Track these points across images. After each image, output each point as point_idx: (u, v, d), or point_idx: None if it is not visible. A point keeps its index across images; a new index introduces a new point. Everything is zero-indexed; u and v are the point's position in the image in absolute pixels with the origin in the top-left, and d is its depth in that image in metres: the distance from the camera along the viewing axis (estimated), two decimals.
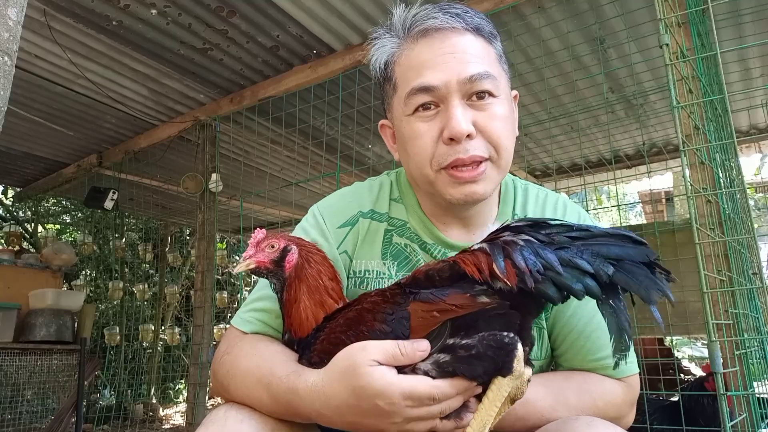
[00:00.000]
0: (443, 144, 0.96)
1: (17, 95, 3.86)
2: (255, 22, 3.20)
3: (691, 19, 2.11)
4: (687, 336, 6.59)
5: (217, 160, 4.27)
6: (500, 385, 0.78)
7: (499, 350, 0.77)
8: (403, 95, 1.00)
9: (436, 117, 0.97)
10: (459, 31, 0.98)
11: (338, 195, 1.17)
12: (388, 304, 0.85)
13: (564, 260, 0.76)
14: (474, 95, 0.97)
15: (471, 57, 0.96)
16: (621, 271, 0.75)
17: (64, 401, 4.17)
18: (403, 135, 1.03)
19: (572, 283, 0.74)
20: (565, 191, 6.53)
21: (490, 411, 0.78)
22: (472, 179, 0.97)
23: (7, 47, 0.92)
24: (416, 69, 0.98)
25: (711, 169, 2.02)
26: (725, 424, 1.58)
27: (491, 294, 0.79)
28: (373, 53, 1.08)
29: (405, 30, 1.02)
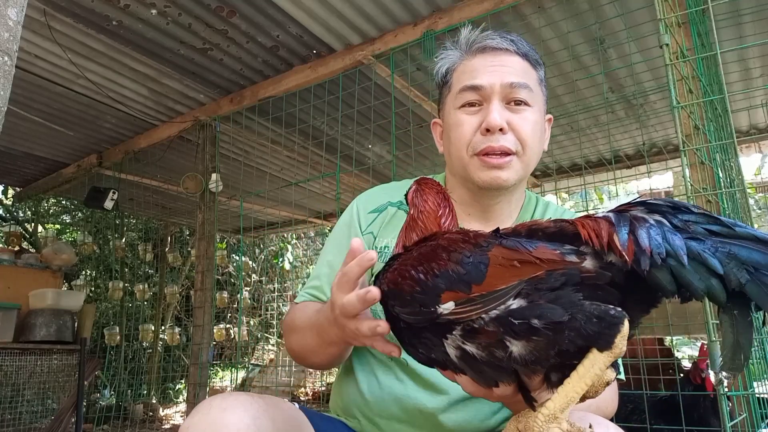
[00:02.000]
0: (480, 134, 1.15)
1: (17, 95, 3.86)
2: (255, 22, 3.20)
3: (691, 19, 2.11)
4: (687, 336, 6.58)
5: (217, 160, 4.27)
6: (595, 359, 0.70)
7: (601, 321, 0.69)
8: (455, 92, 1.21)
9: (479, 113, 1.17)
10: (510, 52, 1.19)
11: (376, 188, 1.37)
12: (467, 245, 0.80)
13: (693, 253, 0.68)
14: (512, 101, 1.16)
15: (515, 71, 1.17)
16: (757, 283, 0.66)
17: (64, 401, 4.17)
18: (449, 124, 1.22)
19: (694, 279, 0.67)
20: (565, 191, 6.53)
21: (577, 387, 0.70)
22: (499, 166, 1.14)
23: (7, 47, 0.92)
24: (469, 73, 1.19)
25: (711, 169, 2.02)
26: (725, 424, 1.58)
27: (592, 262, 0.72)
28: (438, 61, 1.28)
29: (468, 45, 1.23)
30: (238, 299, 7.41)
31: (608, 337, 0.69)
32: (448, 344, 0.78)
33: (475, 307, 0.74)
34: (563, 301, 0.71)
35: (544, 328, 0.70)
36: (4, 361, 3.91)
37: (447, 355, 0.79)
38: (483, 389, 0.81)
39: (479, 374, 0.78)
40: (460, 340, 0.76)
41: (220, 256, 5.54)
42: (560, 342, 0.70)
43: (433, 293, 0.78)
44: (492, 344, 0.74)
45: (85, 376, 4.16)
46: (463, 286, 0.76)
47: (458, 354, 0.77)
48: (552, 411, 0.70)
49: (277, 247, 9.41)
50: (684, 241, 0.69)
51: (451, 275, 0.77)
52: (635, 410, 2.87)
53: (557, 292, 0.71)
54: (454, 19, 3.03)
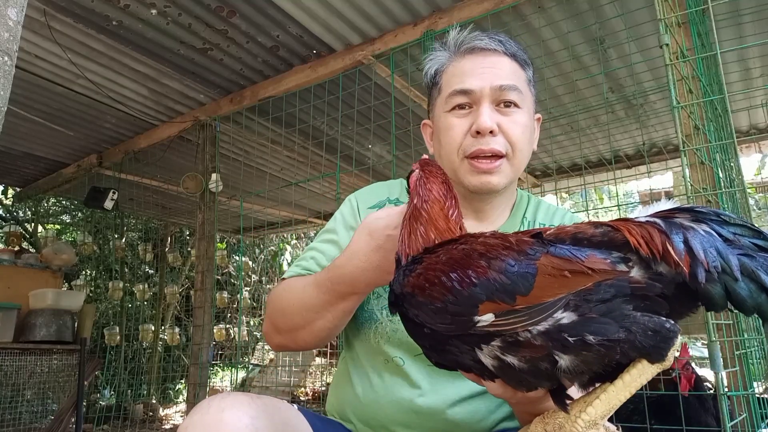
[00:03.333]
0: (470, 136, 1.15)
1: (17, 95, 3.86)
2: (255, 22, 3.20)
3: (691, 19, 2.11)
4: (687, 336, 6.58)
5: (217, 160, 4.27)
6: (643, 369, 0.68)
7: (656, 334, 0.67)
8: (445, 95, 1.20)
9: (469, 116, 1.17)
10: (498, 53, 1.19)
11: (373, 185, 1.38)
12: (510, 252, 0.74)
13: (746, 268, 0.67)
14: (502, 103, 1.17)
15: (504, 73, 1.17)
16: None
17: (64, 401, 4.17)
18: (440, 128, 1.23)
19: (746, 296, 0.66)
20: (565, 191, 6.53)
21: (620, 395, 0.69)
22: (489, 170, 1.15)
23: (7, 47, 0.92)
24: (459, 76, 1.19)
25: (711, 169, 2.02)
26: (725, 424, 1.58)
27: (640, 272, 0.70)
28: (426, 63, 1.28)
29: (456, 47, 1.22)
30: (238, 299, 7.41)
31: (662, 350, 0.68)
32: (483, 354, 0.73)
33: (521, 319, 0.70)
34: (616, 314, 0.68)
35: (598, 344, 0.68)
36: (4, 361, 3.91)
37: (477, 362, 0.75)
38: (510, 391, 0.79)
39: (517, 381, 0.75)
40: (499, 351, 0.72)
41: (220, 256, 5.54)
42: (613, 354, 0.68)
43: (469, 303, 0.72)
44: (538, 358, 0.70)
45: (85, 376, 4.16)
46: (506, 296, 0.71)
47: (496, 364, 0.73)
48: (593, 417, 0.69)
49: (277, 247, 9.42)
50: (737, 256, 0.68)
51: (491, 284, 0.72)
52: (635, 410, 2.87)
53: (608, 305, 0.69)
54: (454, 19, 3.03)
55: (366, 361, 1.21)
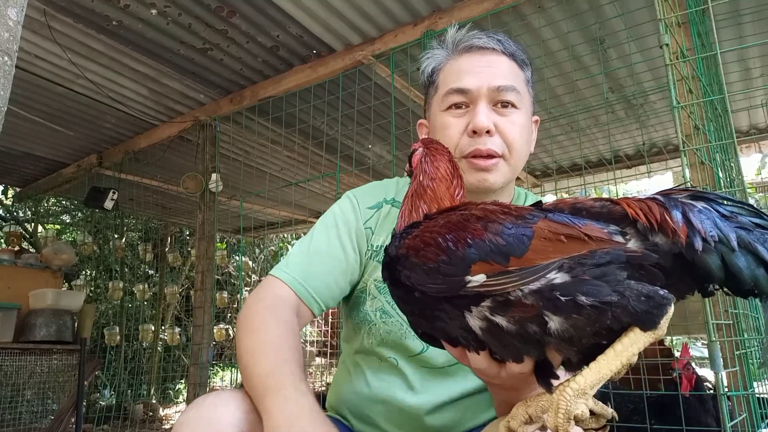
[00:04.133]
0: (467, 136, 1.14)
1: (17, 95, 3.86)
2: (255, 22, 3.20)
3: (691, 19, 2.11)
4: (687, 336, 6.58)
5: (217, 160, 4.27)
6: (636, 338, 0.67)
7: (650, 300, 0.67)
8: (442, 94, 1.19)
9: (465, 115, 1.16)
10: (497, 52, 1.17)
11: (369, 185, 1.36)
12: (508, 216, 0.76)
13: (742, 240, 0.68)
14: (499, 103, 1.15)
15: (502, 72, 1.16)
16: None
17: (64, 401, 4.17)
18: (436, 127, 1.21)
19: (743, 266, 0.67)
20: (565, 191, 6.54)
21: (612, 365, 0.67)
22: (486, 168, 1.13)
23: (7, 47, 0.92)
24: (456, 74, 1.17)
25: (711, 169, 2.02)
26: (725, 424, 1.58)
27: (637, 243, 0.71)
28: (423, 61, 1.26)
29: (454, 45, 1.21)
30: (238, 299, 7.41)
31: (655, 317, 0.67)
32: (472, 316, 0.73)
33: (512, 280, 0.70)
34: (609, 279, 0.68)
35: (590, 305, 0.67)
36: (4, 361, 3.91)
37: (465, 330, 0.75)
38: (497, 366, 0.79)
39: (504, 347, 0.74)
40: (488, 311, 0.72)
41: (220, 256, 5.54)
42: (603, 319, 0.68)
43: (462, 264, 0.73)
44: (528, 318, 0.70)
45: (85, 376, 4.16)
46: (500, 258, 0.71)
47: (484, 326, 0.73)
48: (582, 386, 0.67)
49: (277, 247, 9.42)
50: (734, 228, 0.69)
51: (486, 246, 0.72)
52: (636, 410, 2.87)
53: (602, 269, 0.69)
54: (454, 19, 3.03)
55: (362, 360, 1.23)
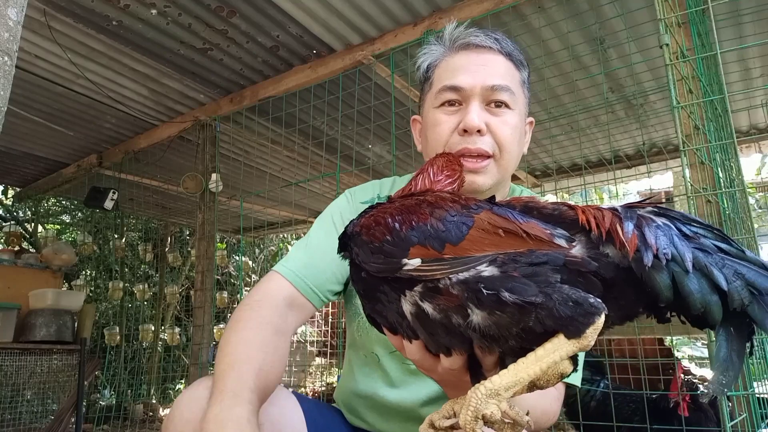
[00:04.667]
0: (457, 134, 1.12)
1: (17, 95, 3.86)
2: (255, 22, 3.20)
3: (691, 19, 2.11)
4: (687, 336, 6.58)
5: (217, 160, 4.27)
6: (559, 344, 0.64)
7: (577, 306, 0.63)
8: (436, 91, 1.17)
9: (457, 113, 1.14)
10: (494, 51, 1.16)
11: (367, 183, 1.39)
12: (456, 204, 0.75)
13: (699, 263, 0.64)
14: (492, 103, 1.13)
15: (497, 72, 1.14)
16: (760, 305, 0.62)
17: (64, 401, 4.17)
18: (428, 123, 1.20)
19: (695, 290, 0.63)
20: (565, 191, 6.53)
21: (530, 369, 0.65)
22: (475, 170, 1.11)
23: (7, 47, 0.92)
24: (451, 71, 1.16)
25: (711, 169, 2.02)
26: (725, 424, 1.58)
27: (582, 250, 0.68)
28: (420, 56, 1.25)
29: (451, 42, 1.19)
30: (238, 299, 7.40)
31: (581, 324, 0.63)
32: (406, 300, 0.72)
33: (442, 267, 0.69)
34: (539, 279, 0.65)
35: (513, 302, 0.65)
36: (4, 361, 3.91)
37: (400, 315, 0.74)
38: (430, 358, 0.77)
39: (431, 337, 0.73)
40: (419, 296, 0.71)
41: (220, 256, 5.54)
42: (527, 320, 0.65)
43: (402, 246, 0.72)
44: (451, 308, 0.69)
45: (85, 376, 4.16)
46: (436, 243, 0.71)
47: (413, 311, 0.72)
48: (496, 386, 0.64)
49: (277, 247, 9.41)
50: (692, 249, 0.65)
51: (427, 230, 0.72)
52: (636, 411, 2.87)
53: (535, 269, 0.66)
54: (454, 19, 3.02)
55: (353, 355, 1.29)
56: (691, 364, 6.32)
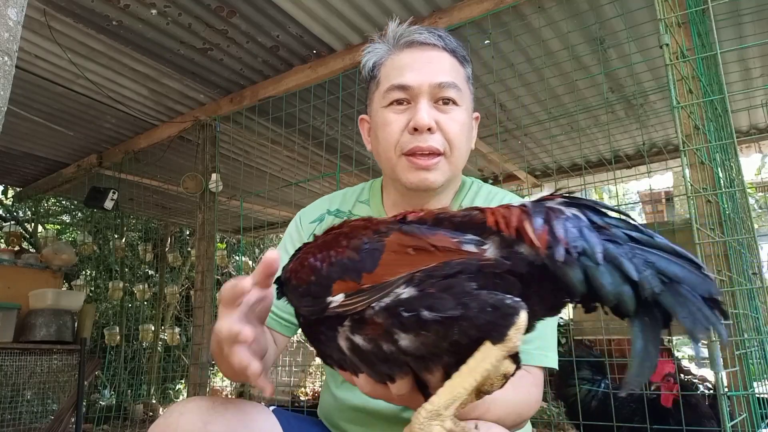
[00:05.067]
0: (408, 133, 1.13)
1: (17, 95, 3.86)
2: (255, 22, 3.20)
3: (691, 19, 2.11)
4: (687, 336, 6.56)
5: (217, 160, 4.27)
6: (487, 353, 0.63)
7: (495, 311, 0.63)
8: (383, 90, 1.17)
9: (406, 111, 1.14)
10: (438, 48, 1.16)
11: (317, 201, 1.38)
12: (368, 231, 0.74)
13: (609, 255, 0.63)
14: (440, 100, 1.14)
15: (443, 69, 1.15)
16: (672, 293, 0.62)
17: (64, 401, 4.17)
18: (377, 123, 1.20)
19: (606, 282, 0.62)
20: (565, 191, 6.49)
21: (465, 382, 0.64)
22: (427, 167, 1.12)
23: (7, 47, 0.92)
24: (398, 70, 1.16)
25: (711, 169, 2.02)
26: (725, 424, 1.58)
27: (496, 251, 0.67)
28: (365, 56, 1.25)
29: (395, 40, 1.20)
30: None
31: (502, 328, 0.63)
32: (340, 336, 0.72)
33: (362, 297, 0.68)
34: (456, 291, 0.65)
35: (433, 320, 0.64)
36: (4, 361, 3.91)
37: (341, 353, 0.73)
38: (381, 389, 0.76)
39: (372, 368, 0.73)
40: (349, 331, 0.70)
41: (220, 256, 5.54)
42: (451, 334, 0.64)
43: (325, 283, 0.72)
44: (379, 337, 0.68)
45: (85, 376, 4.16)
46: (354, 275, 0.70)
47: (348, 346, 0.71)
48: (436, 407, 0.64)
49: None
50: (601, 241, 0.65)
51: (344, 263, 0.71)
52: (636, 411, 2.87)
53: (450, 281, 0.65)
54: (454, 19, 3.03)
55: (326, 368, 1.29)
56: (691, 364, 6.32)
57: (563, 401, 3.29)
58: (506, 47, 3.32)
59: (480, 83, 3.71)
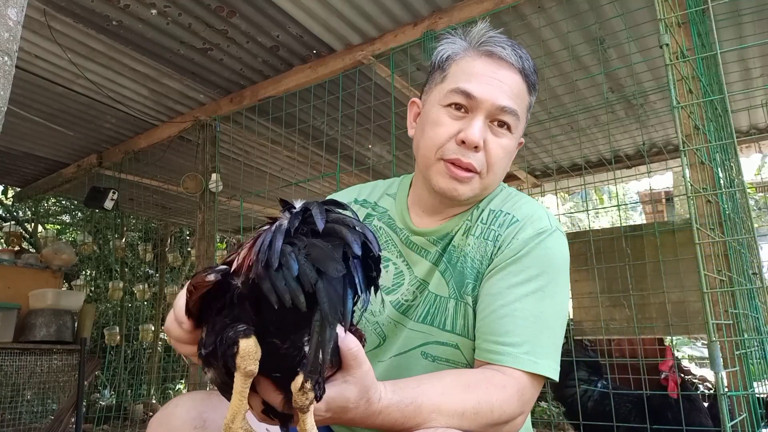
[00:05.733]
0: (454, 142, 1.13)
1: (17, 95, 3.86)
2: (255, 22, 3.20)
3: (691, 19, 2.11)
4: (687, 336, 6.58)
5: (217, 160, 4.27)
6: (237, 377, 0.71)
7: (223, 343, 0.70)
8: (448, 88, 1.16)
9: (461, 120, 1.14)
10: (513, 68, 1.16)
11: (350, 188, 1.41)
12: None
13: (284, 257, 0.65)
14: (496, 121, 1.14)
15: (511, 92, 1.14)
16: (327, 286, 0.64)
17: (64, 401, 4.17)
18: (429, 117, 1.19)
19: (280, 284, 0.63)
20: (565, 191, 6.52)
21: (235, 401, 0.73)
22: (461, 179, 1.13)
23: (7, 47, 0.92)
24: (468, 75, 1.15)
25: (711, 169, 2.02)
26: (725, 424, 1.58)
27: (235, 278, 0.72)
28: (442, 44, 1.22)
29: (477, 42, 1.18)
30: None
31: (230, 358, 0.69)
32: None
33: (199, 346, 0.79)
34: (217, 328, 0.72)
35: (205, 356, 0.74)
36: (4, 361, 3.91)
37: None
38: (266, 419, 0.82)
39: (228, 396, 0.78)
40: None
41: (220, 256, 5.53)
42: (218, 367, 0.73)
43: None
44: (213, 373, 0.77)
45: (85, 376, 4.16)
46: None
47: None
48: (226, 422, 0.73)
49: None
50: (283, 246, 0.66)
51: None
52: (633, 410, 2.88)
53: (218, 317, 0.73)
54: (454, 19, 3.03)
55: None
56: (691, 364, 6.32)
57: (561, 402, 3.30)
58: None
59: None
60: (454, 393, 0.92)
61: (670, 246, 3.31)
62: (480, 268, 1.12)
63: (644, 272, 3.38)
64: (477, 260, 1.13)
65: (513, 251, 1.09)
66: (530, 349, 1.01)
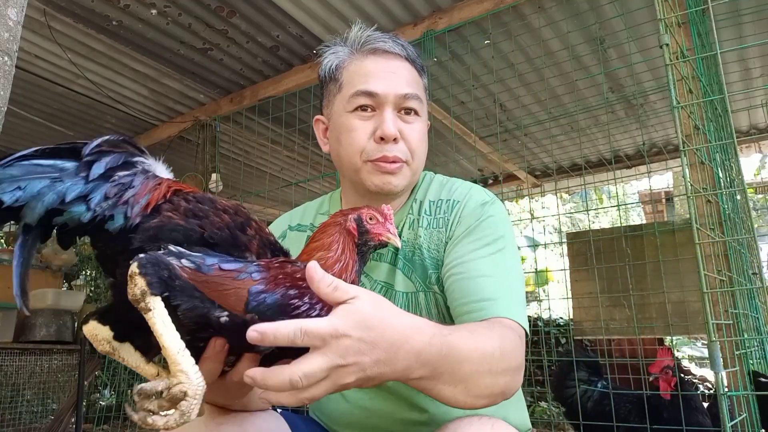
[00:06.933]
0: (374, 141, 1.16)
1: (17, 95, 3.86)
2: (255, 22, 3.20)
3: (691, 19, 2.11)
4: (687, 336, 6.58)
5: (217, 160, 4.27)
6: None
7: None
8: (348, 95, 1.18)
9: (372, 119, 1.17)
10: (401, 57, 1.20)
11: (278, 218, 1.43)
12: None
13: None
14: (403, 110, 1.18)
15: (407, 80, 1.19)
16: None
17: (64, 401, 4.17)
18: (340, 127, 1.20)
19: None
20: (565, 191, 6.52)
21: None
22: (392, 171, 1.16)
23: (7, 47, 0.92)
24: (363, 75, 1.17)
25: (711, 169, 2.02)
26: (725, 424, 1.58)
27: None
28: (326, 56, 1.25)
29: (359, 44, 1.21)
30: None
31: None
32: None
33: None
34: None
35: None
36: (4, 361, 3.91)
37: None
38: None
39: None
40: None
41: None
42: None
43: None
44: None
45: (85, 376, 4.16)
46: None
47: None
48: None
49: None
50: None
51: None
52: (632, 411, 2.88)
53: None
54: (454, 19, 3.03)
55: None
56: (691, 364, 6.32)
57: (561, 402, 3.29)
58: (506, 47, 3.32)
59: (480, 83, 3.71)
60: (480, 337, 0.89)
61: (670, 246, 3.31)
62: (438, 256, 1.15)
63: (644, 272, 3.38)
64: (434, 250, 1.16)
65: (465, 225, 1.14)
66: (508, 302, 1.04)
